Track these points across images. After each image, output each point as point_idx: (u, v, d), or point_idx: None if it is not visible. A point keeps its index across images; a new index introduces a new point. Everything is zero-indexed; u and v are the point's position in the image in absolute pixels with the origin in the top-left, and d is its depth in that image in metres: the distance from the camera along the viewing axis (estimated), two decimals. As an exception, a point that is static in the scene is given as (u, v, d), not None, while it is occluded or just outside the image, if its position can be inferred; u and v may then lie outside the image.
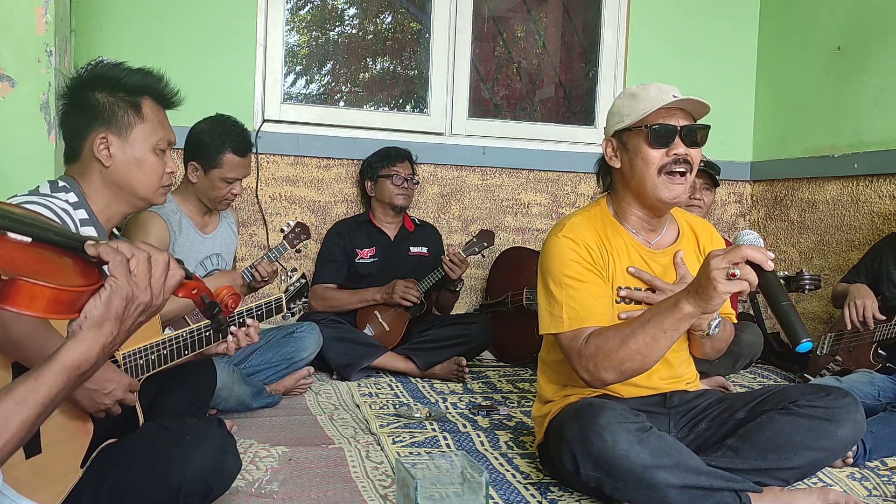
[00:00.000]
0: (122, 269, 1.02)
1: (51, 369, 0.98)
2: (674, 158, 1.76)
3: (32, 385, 0.97)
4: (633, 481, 1.61)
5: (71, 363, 0.99)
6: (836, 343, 2.86)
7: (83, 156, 1.62)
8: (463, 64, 3.81)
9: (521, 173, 3.88)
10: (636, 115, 1.77)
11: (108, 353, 1.03)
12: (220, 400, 2.39)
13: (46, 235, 0.98)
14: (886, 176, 3.27)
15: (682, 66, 4.00)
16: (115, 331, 1.02)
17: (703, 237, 1.98)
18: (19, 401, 0.96)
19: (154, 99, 1.66)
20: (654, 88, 1.79)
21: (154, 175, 1.65)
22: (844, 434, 1.74)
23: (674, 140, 1.76)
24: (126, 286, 1.02)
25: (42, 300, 0.92)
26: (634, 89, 1.83)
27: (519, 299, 3.38)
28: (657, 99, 1.76)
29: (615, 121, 1.85)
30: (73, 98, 1.64)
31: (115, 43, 3.24)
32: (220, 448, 1.54)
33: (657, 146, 1.76)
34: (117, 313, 1.01)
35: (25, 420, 0.96)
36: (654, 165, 1.77)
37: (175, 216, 2.55)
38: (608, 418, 1.62)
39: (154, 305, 1.06)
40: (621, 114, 1.82)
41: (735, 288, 1.47)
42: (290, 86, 3.77)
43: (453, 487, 1.67)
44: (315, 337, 2.87)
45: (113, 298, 1.01)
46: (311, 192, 3.60)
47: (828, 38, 3.64)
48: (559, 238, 1.85)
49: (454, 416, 2.56)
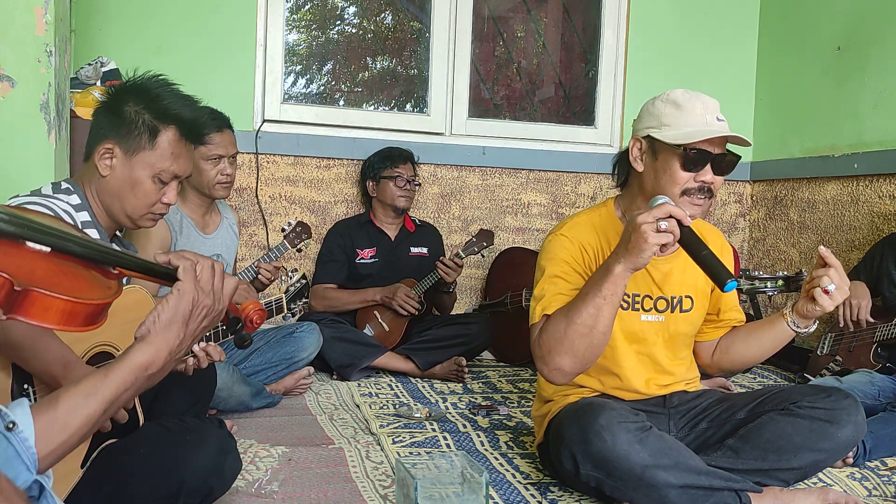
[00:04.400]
0: (190, 274, 1.07)
1: (121, 368, 1.01)
2: (699, 185, 1.71)
3: (101, 380, 1.00)
4: (633, 481, 1.61)
5: (140, 363, 1.02)
6: (836, 343, 2.86)
7: (92, 158, 1.63)
8: (463, 64, 3.81)
9: (521, 173, 3.88)
10: (678, 131, 1.70)
11: (175, 358, 1.07)
12: (220, 400, 2.39)
13: (66, 246, 0.96)
14: (886, 176, 3.27)
15: (681, 67, 4.00)
16: (182, 334, 1.06)
17: (713, 242, 1.90)
18: (87, 394, 0.98)
19: (180, 131, 1.63)
20: (699, 103, 1.72)
21: (144, 200, 1.63)
22: (845, 435, 1.74)
23: (705, 167, 1.70)
24: (192, 290, 1.07)
25: (56, 312, 0.91)
26: (678, 97, 1.74)
27: (518, 299, 3.38)
28: (702, 120, 1.70)
29: (651, 123, 1.76)
30: (111, 99, 1.64)
31: (115, 43, 3.24)
32: (221, 448, 1.54)
33: (688, 169, 1.70)
34: (184, 316, 1.06)
35: (91, 414, 0.98)
36: (680, 186, 1.71)
37: (175, 216, 2.54)
38: (608, 418, 1.62)
39: (215, 310, 1.12)
40: (660, 121, 1.74)
41: (663, 239, 1.52)
42: (290, 86, 3.77)
43: (453, 487, 1.68)
44: (315, 337, 2.87)
45: (182, 300, 1.06)
46: (311, 192, 3.60)
47: (828, 38, 3.64)
48: (557, 236, 1.85)
49: (454, 416, 2.56)
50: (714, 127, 1.70)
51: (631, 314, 1.85)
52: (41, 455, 0.94)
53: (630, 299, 1.85)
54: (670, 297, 1.87)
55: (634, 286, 1.84)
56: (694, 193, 1.71)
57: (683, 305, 1.88)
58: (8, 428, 0.91)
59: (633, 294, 1.85)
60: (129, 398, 1.04)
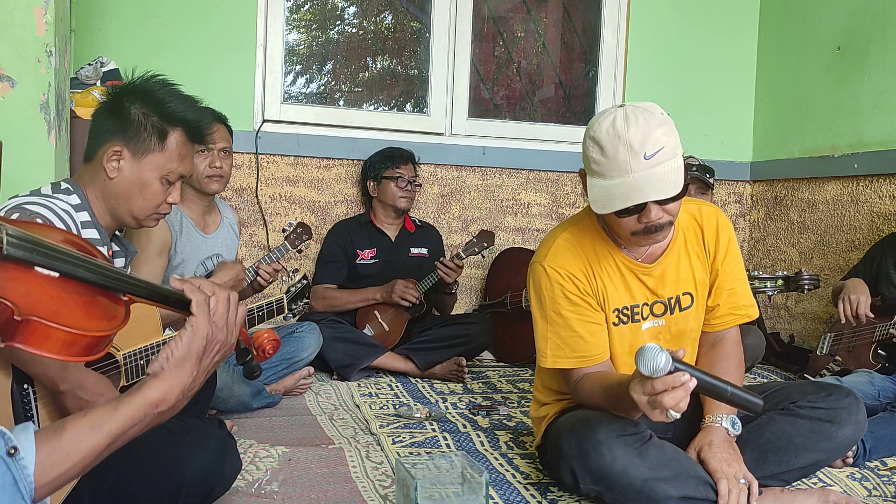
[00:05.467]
0: (204, 309, 1.04)
1: (131, 402, 0.99)
2: (645, 227, 1.61)
3: (110, 414, 0.97)
4: (633, 494, 1.60)
5: (152, 400, 1.00)
6: (835, 343, 2.86)
7: (96, 159, 1.63)
8: (463, 64, 3.81)
9: (521, 173, 3.88)
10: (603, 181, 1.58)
11: (187, 396, 1.05)
12: (219, 400, 2.39)
13: (76, 272, 0.94)
14: (886, 176, 3.27)
15: (681, 66, 4.00)
16: (195, 371, 1.04)
17: (708, 228, 1.84)
18: (95, 425, 0.96)
19: (185, 132, 1.64)
20: (622, 148, 1.53)
21: (152, 201, 1.64)
22: (846, 435, 1.74)
23: (644, 209, 1.58)
24: (206, 326, 1.04)
25: (56, 342, 0.89)
26: (602, 137, 1.57)
27: (518, 300, 3.38)
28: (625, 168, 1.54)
29: (585, 162, 1.66)
30: (112, 102, 1.64)
31: (115, 43, 3.24)
32: (221, 448, 1.54)
33: (625, 216, 1.61)
34: (198, 353, 1.03)
35: (95, 446, 0.96)
36: (627, 230, 1.65)
37: (175, 216, 2.54)
38: (606, 433, 1.61)
39: (228, 344, 1.09)
40: (589, 164, 1.63)
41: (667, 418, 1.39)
42: (289, 85, 3.77)
43: (453, 487, 1.68)
44: (315, 337, 2.87)
45: (195, 337, 1.03)
46: (311, 193, 3.60)
47: (828, 38, 3.64)
48: (543, 268, 1.78)
49: (454, 416, 2.56)
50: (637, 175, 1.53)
51: (631, 327, 1.81)
52: (39, 484, 0.91)
53: (629, 312, 1.80)
54: (667, 298, 1.82)
55: (630, 298, 1.79)
56: (641, 234, 1.64)
57: (683, 303, 1.83)
58: (10, 453, 0.89)
59: (632, 306, 1.80)
60: (137, 433, 1.01)
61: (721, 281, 1.85)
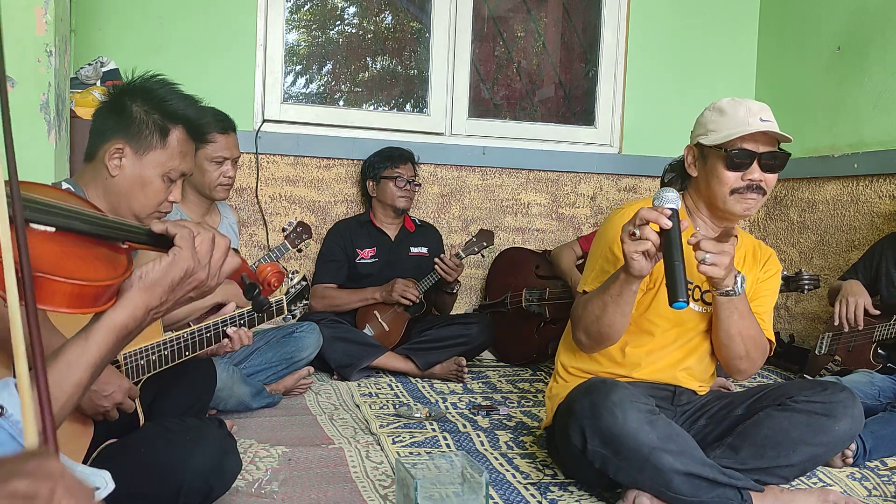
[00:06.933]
0: (188, 243, 1.04)
1: (99, 330, 0.98)
2: (747, 184, 1.77)
3: (83, 346, 0.98)
4: (639, 461, 1.62)
5: (119, 323, 0.99)
6: (833, 342, 2.86)
7: (97, 158, 1.63)
8: (463, 64, 3.81)
9: (520, 173, 3.88)
10: (719, 134, 1.78)
11: (152, 318, 1.04)
12: (220, 400, 2.39)
13: (72, 224, 0.94)
14: (886, 176, 3.27)
15: (681, 66, 4.00)
16: (165, 298, 1.03)
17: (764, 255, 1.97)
18: (71, 363, 0.97)
19: (186, 130, 1.65)
20: (742, 108, 1.79)
21: (154, 199, 1.64)
22: (842, 429, 1.75)
23: (751, 165, 1.77)
24: (189, 259, 1.03)
25: (63, 296, 0.89)
26: (724, 104, 1.83)
27: (518, 300, 3.38)
28: (743, 122, 1.76)
29: (699, 132, 1.85)
30: (113, 100, 1.64)
31: (115, 43, 3.25)
32: (221, 448, 1.54)
33: (733, 169, 1.77)
34: (173, 281, 1.02)
35: (78, 381, 0.97)
36: (728, 186, 1.78)
37: (175, 217, 2.54)
38: (620, 396, 1.64)
39: (207, 285, 1.08)
40: (706, 127, 1.83)
41: (640, 247, 1.53)
42: (289, 85, 3.77)
43: (453, 487, 1.68)
44: (315, 337, 2.87)
45: (173, 267, 1.02)
46: (311, 192, 3.60)
47: (828, 38, 3.64)
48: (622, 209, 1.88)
49: (454, 416, 2.56)
50: (754, 128, 1.74)
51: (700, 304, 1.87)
52: None
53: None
54: None
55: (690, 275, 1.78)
56: (743, 192, 1.77)
57: None
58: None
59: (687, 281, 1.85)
60: (112, 358, 1.02)
61: (751, 298, 1.90)
